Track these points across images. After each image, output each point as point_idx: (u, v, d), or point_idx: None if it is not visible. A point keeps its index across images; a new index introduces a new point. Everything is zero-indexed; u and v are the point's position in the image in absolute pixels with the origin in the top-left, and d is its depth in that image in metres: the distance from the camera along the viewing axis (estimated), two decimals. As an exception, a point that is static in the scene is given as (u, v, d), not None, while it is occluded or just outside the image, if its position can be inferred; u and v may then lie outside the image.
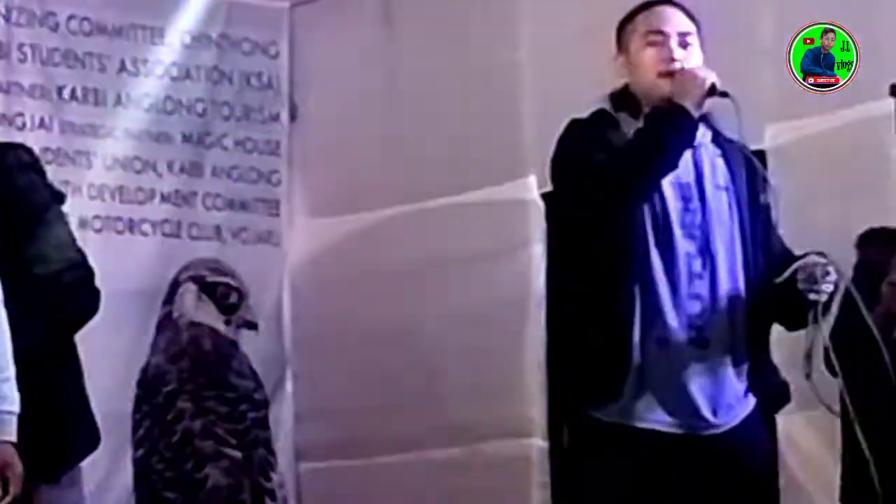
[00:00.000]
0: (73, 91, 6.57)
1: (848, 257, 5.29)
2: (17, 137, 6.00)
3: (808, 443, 6.14)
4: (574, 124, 3.73)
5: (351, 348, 7.33)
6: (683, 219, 3.64)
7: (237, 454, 4.47)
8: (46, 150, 6.24)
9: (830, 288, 3.48)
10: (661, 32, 3.70)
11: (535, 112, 6.56)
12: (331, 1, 7.53)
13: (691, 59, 3.69)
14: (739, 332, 3.70)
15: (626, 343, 3.46)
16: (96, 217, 6.56)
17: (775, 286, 3.64)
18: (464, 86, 6.80)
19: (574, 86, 5.82)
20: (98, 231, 6.56)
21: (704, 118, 3.74)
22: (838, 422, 4.87)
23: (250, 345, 5.41)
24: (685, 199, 3.73)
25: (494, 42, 6.82)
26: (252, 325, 4.85)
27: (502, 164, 6.66)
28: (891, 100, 4.76)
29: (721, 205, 3.70)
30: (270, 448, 4.78)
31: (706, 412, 3.58)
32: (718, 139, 3.83)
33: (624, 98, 3.75)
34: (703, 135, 3.75)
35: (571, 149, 3.70)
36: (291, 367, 7.71)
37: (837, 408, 3.98)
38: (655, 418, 3.64)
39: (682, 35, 3.75)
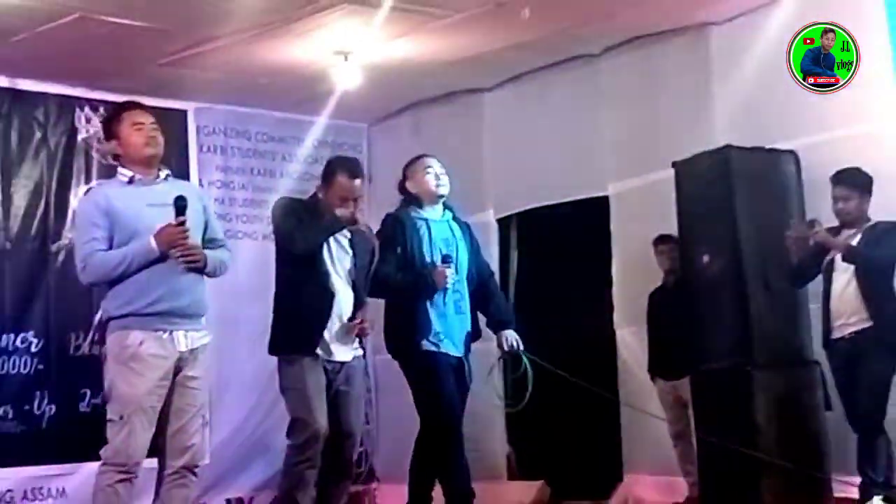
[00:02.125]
0: (259, 170, 9.49)
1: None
2: (231, 195, 9.30)
3: (633, 342, 8.04)
4: None
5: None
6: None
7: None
8: (245, 200, 9.38)
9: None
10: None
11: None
12: (388, 122, 9.90)
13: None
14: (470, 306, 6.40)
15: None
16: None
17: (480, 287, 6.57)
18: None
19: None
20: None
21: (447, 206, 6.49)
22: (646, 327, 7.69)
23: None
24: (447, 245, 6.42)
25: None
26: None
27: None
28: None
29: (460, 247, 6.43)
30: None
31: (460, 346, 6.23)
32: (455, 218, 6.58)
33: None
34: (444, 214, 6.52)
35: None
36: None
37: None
38: (448, 348, 6.23)
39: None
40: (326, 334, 5.73)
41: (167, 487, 4.95)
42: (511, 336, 6.46)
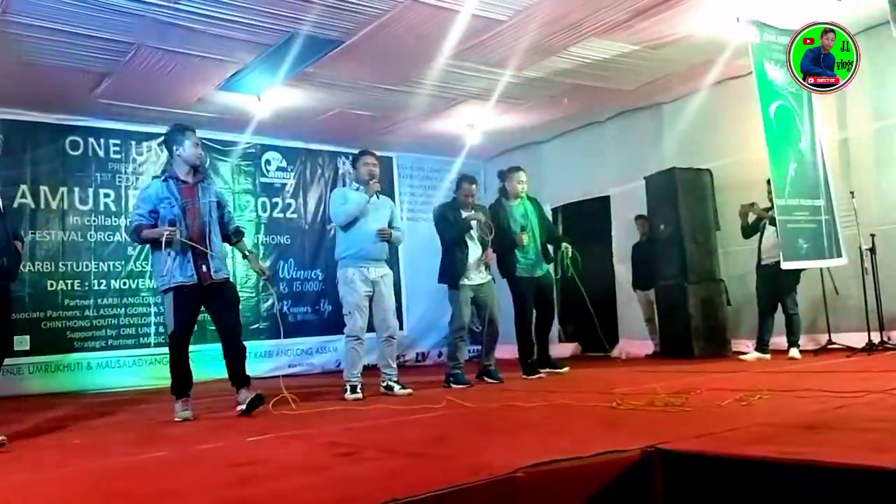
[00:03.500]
0: (428, 187, 9.32)
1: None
2: (415, 200, 9.45)
3: (623, 270, 7.90)
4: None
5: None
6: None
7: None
8: (422, 202, 9.21)
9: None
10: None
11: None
12: (494, 159, 9.21)
13: None
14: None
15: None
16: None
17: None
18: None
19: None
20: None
21: None
22: (630, 262, 8.56)
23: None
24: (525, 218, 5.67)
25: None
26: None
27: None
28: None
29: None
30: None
31: None
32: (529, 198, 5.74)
33: None
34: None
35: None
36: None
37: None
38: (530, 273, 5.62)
39: None
40: (471, 270, 5.50)
41: (383, 346, 5.10)
42: (567, 247, 5.88)
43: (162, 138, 4.92)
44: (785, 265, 5.51)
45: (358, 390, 4.87)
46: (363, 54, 5.84)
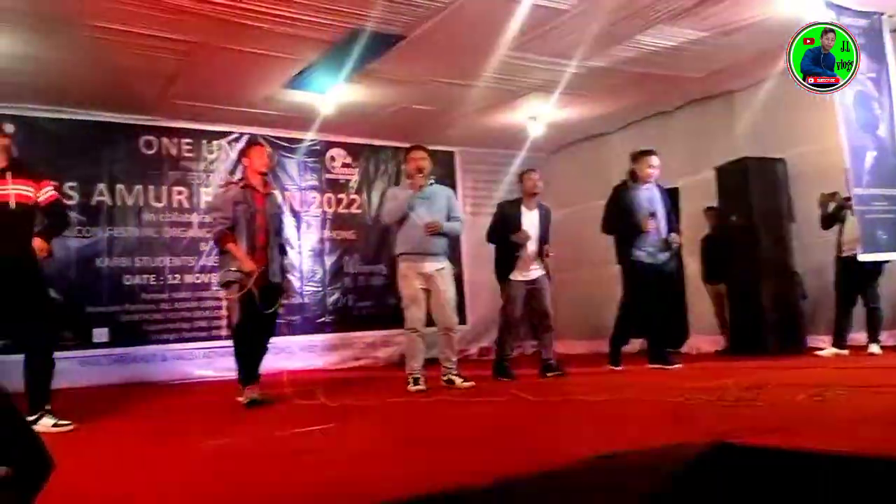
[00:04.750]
0: (490, 180, 8.96)
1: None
2: (478, 194, 9.78)
3: (693, 263, 7.67)
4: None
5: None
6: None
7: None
8: (484, 196, 9.51)
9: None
10: None
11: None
12: (558, 152, 9.27)
13: None
14: None
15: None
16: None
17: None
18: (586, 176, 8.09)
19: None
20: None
21: None
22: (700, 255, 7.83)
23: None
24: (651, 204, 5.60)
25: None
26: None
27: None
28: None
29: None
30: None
31: None
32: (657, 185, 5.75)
33: None
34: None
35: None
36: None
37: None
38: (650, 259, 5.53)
39: None
40: (523, 265, 5.52)
41: (441, 339, 5.11)
42: (675, 236, 5.76)
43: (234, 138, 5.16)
44: (862, 257, 5.31)
45: (420, 382, 4.92)
46: (425, 49, 5.86)
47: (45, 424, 3.53)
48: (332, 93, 6.80)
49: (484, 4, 5.18)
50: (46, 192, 3.96)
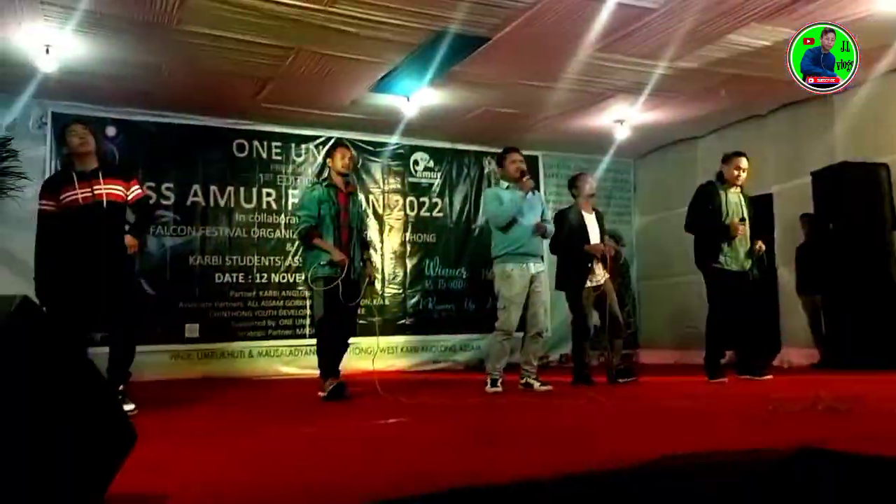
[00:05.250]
0: None
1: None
2: (559, 199, 10.15)
3: (786, 274, 7.37)
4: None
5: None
6: None
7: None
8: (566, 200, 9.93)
9: None
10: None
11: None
12: (644, 157, 9.28)
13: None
14: None
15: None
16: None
17: None
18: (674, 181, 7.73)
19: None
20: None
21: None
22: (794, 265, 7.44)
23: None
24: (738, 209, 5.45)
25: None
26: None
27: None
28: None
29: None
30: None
31: None
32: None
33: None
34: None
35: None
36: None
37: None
38: (731, 266, 5.43)
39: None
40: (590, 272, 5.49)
41: (529, 342, 5.14)
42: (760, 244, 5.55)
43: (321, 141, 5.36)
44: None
45: (498, 384, 4.92)
46: (509, 50, 5.86)
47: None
48: (417, 96, 6.88)
49: (569, 4, 5.14)
50: (134, 191, 4.22)
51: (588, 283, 5.49)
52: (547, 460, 2.10)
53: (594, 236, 5.62)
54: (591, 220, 5.70)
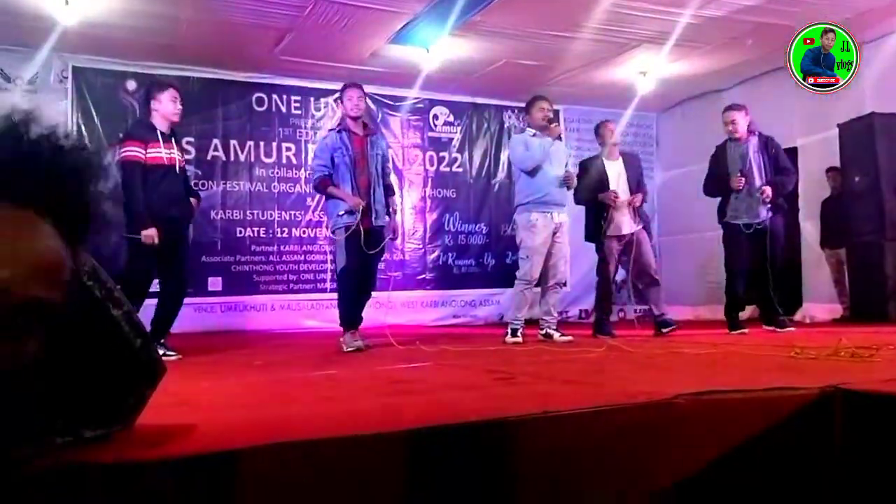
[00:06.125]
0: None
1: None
2: (581, 153, 10.07)
3: (811, 228, 7.37)
4: None
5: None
6: None
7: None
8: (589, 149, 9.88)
9: None
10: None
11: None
12: (668, 111, 9.21)
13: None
14: None
15: None
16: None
17: None
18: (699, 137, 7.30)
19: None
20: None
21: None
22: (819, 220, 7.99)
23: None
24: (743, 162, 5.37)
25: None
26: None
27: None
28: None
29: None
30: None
31: None
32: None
33: None
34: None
35: None
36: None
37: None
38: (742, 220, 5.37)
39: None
40: (614, 221, 5.46)
41: (549, 293, 5.15)
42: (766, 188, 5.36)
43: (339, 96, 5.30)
44: None
45: (518, 334, 4.94)
46: (530, -1, 5.77)
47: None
48: (436, 48, 6.80)
49: (592, -51, 5.02)
50: (184, 156, 4.62)
51: (612, 233, 5.43)
52: (568, 399, 2.10)
53: (617, 184, 5.54)
54: (614, 168, 5.64)
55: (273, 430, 1.47)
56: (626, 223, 5.48)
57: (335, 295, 5.12)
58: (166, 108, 4.35)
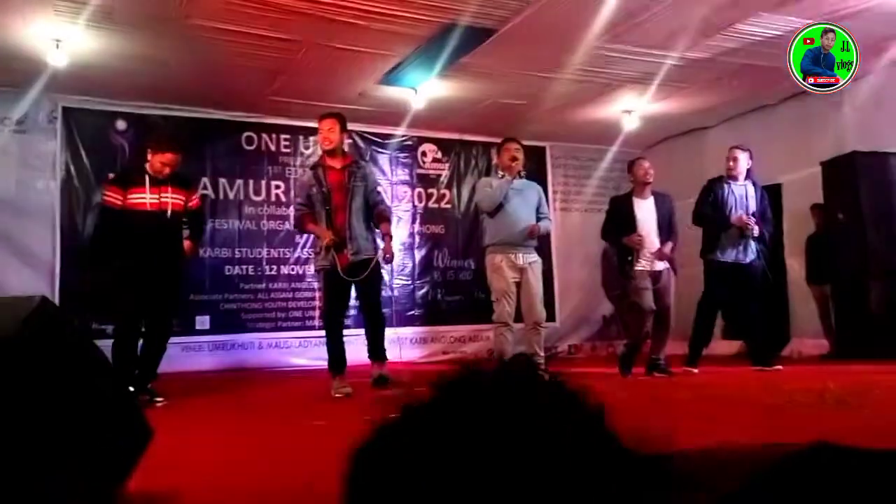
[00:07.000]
0: (581, 176, 9.19)
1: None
2: (567, 189, 10.11)
3: (796, 264, 7.38)
4: None
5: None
6: None
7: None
8: (574, 191, 10.17)
9: None
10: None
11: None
12: (652, 148, 8.86)
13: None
14: None
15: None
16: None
17: None
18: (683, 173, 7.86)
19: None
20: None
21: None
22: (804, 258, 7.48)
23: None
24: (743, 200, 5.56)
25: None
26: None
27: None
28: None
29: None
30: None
31: None
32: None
33: None
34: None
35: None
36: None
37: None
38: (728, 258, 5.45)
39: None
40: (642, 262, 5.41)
41: (529, 334, 5.09)
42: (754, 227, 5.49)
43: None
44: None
45: (508, 376, 4.84)
46: (517, 42, 5.83)
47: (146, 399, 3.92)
48: (424, 88, 6.86)
49: (577, -5, 5.11)
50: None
51: (644, 267, 5.37)
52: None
53: (645, 225, 5.48)
54: (644, 208, 5.58)
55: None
56: (646, 265, 5.47)
57: (323, 332, 5.05)
58: (154, 166, 4.39)
